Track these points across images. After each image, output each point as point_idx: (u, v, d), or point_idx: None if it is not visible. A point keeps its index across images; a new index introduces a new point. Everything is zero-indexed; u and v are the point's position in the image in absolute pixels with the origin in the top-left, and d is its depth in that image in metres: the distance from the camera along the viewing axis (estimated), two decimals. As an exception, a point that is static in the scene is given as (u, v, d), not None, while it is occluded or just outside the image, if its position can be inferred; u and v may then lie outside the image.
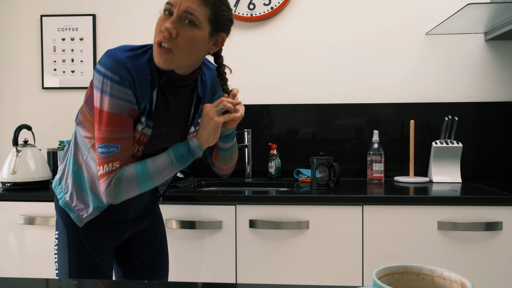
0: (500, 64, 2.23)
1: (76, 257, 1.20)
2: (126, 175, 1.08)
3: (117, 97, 1.04)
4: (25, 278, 0.91)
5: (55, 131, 2.41)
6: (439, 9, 2.23)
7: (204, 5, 1.05)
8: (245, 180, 2.23)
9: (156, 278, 1.39)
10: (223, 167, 1.34)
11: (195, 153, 1.12)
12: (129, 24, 2.39)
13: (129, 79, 1.04)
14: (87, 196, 1.19)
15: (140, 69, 1.07)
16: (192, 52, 1.07)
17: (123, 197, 1.11)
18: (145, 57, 1.10)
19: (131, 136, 1.09)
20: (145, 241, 1.36)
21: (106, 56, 1.05)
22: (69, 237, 1.21)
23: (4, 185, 1.90)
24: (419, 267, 0.60)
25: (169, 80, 1.13)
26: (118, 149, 1.07)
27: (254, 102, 2.32)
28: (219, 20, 1.10)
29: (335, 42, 2.30)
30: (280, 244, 1.71)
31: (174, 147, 1.13)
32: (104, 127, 1.06)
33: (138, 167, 1.09)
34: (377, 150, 2.12)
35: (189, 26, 1.05)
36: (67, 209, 1.21)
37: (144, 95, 1.08)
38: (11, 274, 1.82)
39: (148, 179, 1.10)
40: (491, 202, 1.65)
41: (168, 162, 1.11)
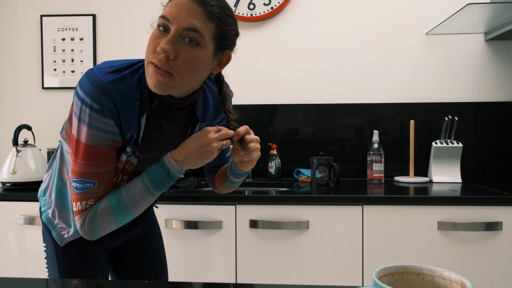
0: (500, 64, 2.24)
1: (67, 270, 1.09)
2: (100, 211, 0.94)
3: (97, 128, 0.88)
4: (25, 278, 0.91)
5: (55, 131, 2.41)
6: (439, 9, 2.24)
7: (208, 20, 0.88)
8: (245, 180, 2.23)
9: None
10: (224, 191, 1.25)
11: (176, 176, 0.96)
12: (129, 24, 2.39)
13: (111, 108, 0.88)
14: (69, 215, 1.07)
15: (126, 95, 0.90)
16: (194, 75, 0.90)
17: (100, 233, 0.97)
18: (133, 78, 0.92)
19: (112, 170, 0.95)
20: (139, 249, 1.27)
21: (86, 79, 0.89)
22: (57, 251, 1.10)
23: (4, 185, 1.90)
24: (419, 267, 0.60)
25: (163, 103, 0.96)
26: (94, 185, 0.93)
27: (254, 102, 2.32)
28: (224, 37, 0.93)
29: (335, 42, 2.30)
30: (280, 244, 1.71)
31: (149, 171, 0.95)
32: (80, 160, 0.91)
33: (112, 200, 0.94)
34: (377, 150, 2.12)
35: (190, 46, 0.88)
36: (49, 225, 1.10)
37: (130, 124, 0.92)
38: (11, 274, 1.82)
39: (125, 211, 0.95)
40: (491, 202, 1.65)
41: (144, 190, 0.94)
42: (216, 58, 0.95)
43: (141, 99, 0.93)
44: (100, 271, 1.15)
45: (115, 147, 0.94)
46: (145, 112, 0.94)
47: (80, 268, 1.10)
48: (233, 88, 1.26)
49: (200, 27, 0.87)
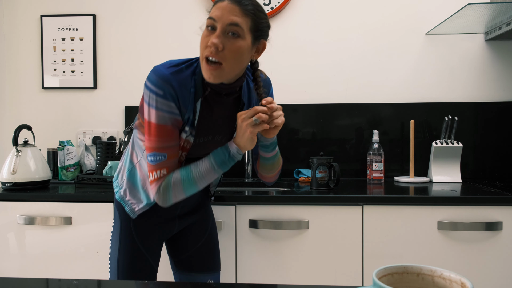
0: (500, 64, 2.24)
1: (125, 245, 1.32)
2: (173, 181, 1.17)
3: (162, 110, 1.13)
4: (25, 278, 0.91)
5: (55, 131, 2.41)
6: (439, 9, 2.24)
7: (245, 16, 1.10)
8: (245, 180, 2.23)
9: (207, 270, 1.47)
10: (266, 175, 1.40)
11: (235, 157, 1.18)
12: (129, 24, 2.39)
13: (172, 93, 1.12)
14: (139, 193, 1.31)
15: (183, 83, 1.14)
16: (239, 62, 1.13)
17: (171, 201, 1.19)
18: (188, 70, 1.16)
19: (177, 145, 1.18)
20: (194, 236, 1.45)
21: (153, 73, 1.14)
22: (121, 227, 1.33)
23: (4, 185, 1.90)
24: (419, 267, 0.60)
25: (215, 90, 1.18)
26: (165, 157, 1.16)
27: (254, 102, 2.31)
28: (259, 28, 1.15)
29: (335, 42, 2.30)
30: (280, 244, 1.71)
31: (215, 152, 1.18)
32: (153, 137, 1.15)
33: (184, 173, 1.17)
34: (377, 150, 2.12)
35: (233, 38, 1.10)
36: (122, 202, 1.33)
37: (187, 107, 1.16)
38: (11, 274, 1.82)
39: (193, 184, 1.17)
40: (491, 202, 1.65)
41: (210, 167, 1.17)
42: (254, 47, 1.17)
43: (196, 87, 1.16)
44: (151, 253, 1.34)
45: (177, 126, 1.17)
46: (200, 98, 1.17)
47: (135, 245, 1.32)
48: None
49: (240, 22, 1.10)
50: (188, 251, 1.46)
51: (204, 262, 1.46)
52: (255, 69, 1.24)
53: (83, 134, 2.39)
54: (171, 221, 1.39)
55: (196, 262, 1.46)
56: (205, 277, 1.47)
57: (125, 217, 1.34)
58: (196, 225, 1.46)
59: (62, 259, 1.79)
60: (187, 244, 1.45)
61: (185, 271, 1.47)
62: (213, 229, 1.51)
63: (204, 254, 1.47)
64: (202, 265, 1.46)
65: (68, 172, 2.16)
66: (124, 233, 1.33)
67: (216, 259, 1.51)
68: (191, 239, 1.45)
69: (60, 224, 1.78)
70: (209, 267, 1.47)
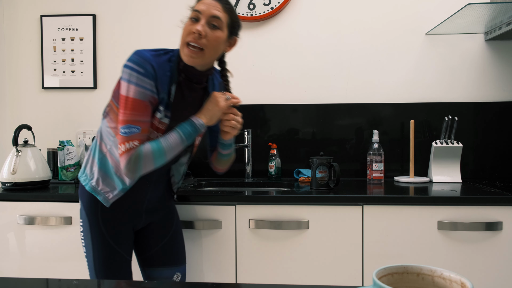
0: (500, 64, 2.24)
1: (97, 243, 1.38)
2: (144, 152, 1.26)
3: (141, 86, 1.24)
4: (25, 278, 0.91)
5: (55, 131, 2.41)
6: (439, 9, 2.24)
7: (225, 12, 1.30)
8: (245, 180, 2.23)
9: (174, 264, 1.55)
10: (219, 167, 1.61)
11: (199, 130, 1.34)
12: (129, 24, 2.39)
13: (151, 72, 1.25)
14: (112, 180, 1.36)
15: (161, 66, 1.28)
16: (216, 50, 1.31)
17: (141, 171, 1.28)
18: (166, 57, 1.31)
19: (149, 122, 1.28)
20: (159, 232, 1.53)
21: (134, 54, 1.26)
22: (91, 226, 1.39)
23: (4, 185, 1.90)
24: (419, 267, 0.60)
25: (187, 76, 1.34)
26: (138, 130, 1.25)
27: (254, 102, 2.32)
28: (234, 25, 1.35)
29: (335, 42, 2.30)
30: (280, 244, 1.71)
31: (182, 126, 1.32)
32: (128, 111, 1.24)
33: (154, 145, 1.27)
34: (377, 150, 2.12)
35: (214, 29, 1.29)
36: (94, 193, 1.37)
37: (163, 87, 1.28)
38: (11, 274, 1.82)
39: (163, 154, 1.28)
40: (491, 202, 1.65)
41: (178, 139, 1.30)
42: (228, 41, 1.36)
43: (171, 72, 1.30)
44: (121, 246, 1.41)
45: (153, 104, 1.27)
46: (174, 82, 1.31)
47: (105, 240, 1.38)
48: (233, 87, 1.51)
49: (221, 16, 1.29)
50: (153, 248, 1.53)
51: (169, 257, 1.54)
52: (223, 67, 1.44)
53: (83, 134, 2.39)
54: (138, 216, 1.47)
55: (162, 258, 1.53)
56: (173, 270, 1.55)
57: (92, 216, 1.39)
58: (161, 223, 1.54)
59: (62, 259, 1.79)
60: (153, 242, 1.53)
61: (152, 267, 1.54)
62: (177, 226, 1.60)
63: (169, 250, 1.54)
64: (168, 260, 1.54)
65: (68, 172, 2.16)
66: (94, 232, 1.39)
67: (181, 253, 1.59)
68: (156, 237, 1.53)
69: (60, 224, 1.78)
70: (175, 261, 1.55)
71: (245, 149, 2.26)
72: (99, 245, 1.39)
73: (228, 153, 1.53)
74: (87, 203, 1.40)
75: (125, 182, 1.35)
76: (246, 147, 2.24)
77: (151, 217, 1.51)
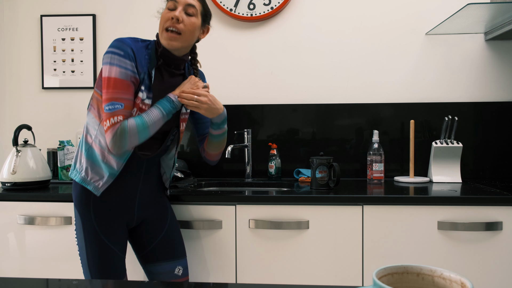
0: (500, 64, 2.24)
1: (90, 241, 1.42)
2: (129, 126, 1.32)
3: (122, 67, 1.33)
4: (25, 278, 0.91)
5: (55, 131, 2.41)
6: (439, 9, 2.24)
7: (198, 2, 1.44)
8: (245, 180, 2.23)
9: (173, 258, 1.58)
10: (211, 153, 1.63)
11: (177, 106, 1.43)
12: (129, 24, 2.39)
13: (131, 54, 1.35)
14: (100, 168, 1.40)
15: (139, 50, 1.38)
16: (192, 35, 1.43)
17: (126, 145, 1.33)
18: (143, 44, 1.42)
19: (132, 100, 1.36)
20: (154, 228, 1.56)
21: (115, 41, 1.36)
22: (83, 224, 1.43)
23: (4, 185, 1.90)
24: (419, 267, 0.60)
25: (165, 61, 1.44)
26: (121, 106, 1.32)
27: (254, 102, 2.32)
28: (206, 14, 1.49)
29: (335, 42, 2.30)
30: (280, 244, 1.71)
31: (161, 103, 1.40)
32: (111, 89, 1.32)
33: (137, 119, 1.34)
34: (377, 150, 2.12)
35: (190, 16, 1.41)
36: (84, 184, 1.41)
37: (142, 68, 1.38)
38: (11, 274, 1.82)
39: (146, 128, 1.35)
40: (491, 202, 1.64)
41: (159, 114, 1.38)
42: (202, 29, 1.49)
43: (149, 57, 1.40)
44: (114, 243, 1.44)
45: (134, 83, 1.36)
46: (154, 67, 1.41)
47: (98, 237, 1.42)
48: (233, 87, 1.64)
49: (195, 4, 1.43)
50: (151, 244, 1.56)
51: (168, 251, 1.57)
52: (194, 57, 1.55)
53: (83, 134, 2.39)
54: (130, 211, 1.49)
55: (161, 253, 1.56)
56: (173, 264, 1.57)
57: (84, 211, 1.43)
58: (155, 219, 1.56)
59: (62, 259, 1.79)
60: (150, 238, 1.55)
61: (152, 262, 1.56)
62: (172, 221, 1.62)
63: (166, 244, 1.57)
64: (167, 254, 1.56)
65: (68, 172, 2.16)
66: (86, 228, 1.42)
67: (180, 246, 1.61)
68: (152, 233, 1.56)
69: (60, 224, 1.78)
70: (174, 254, 1.58)
71: (245, 149, 2.26)
72: (92, 242, 1.42)
73: (219, 134, 1.56)
74: (79, 197, 1.43)
75: (113, 167, 1.39)
76: (246, 147, 2.24)
77: (143, 213, 1.54)
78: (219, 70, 2.33)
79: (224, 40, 2.34)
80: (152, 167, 1.53)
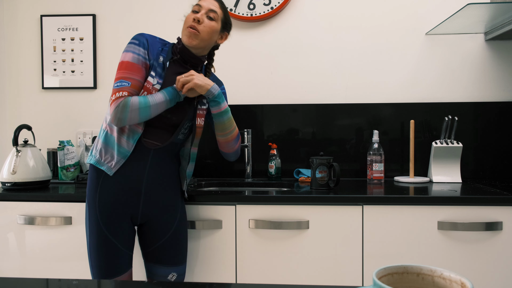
0: (500, 64, 2.24)
1: (92, 228, 1.49)
2: (132, 102, 1.40)
3: (134, 52, 1.47)
4: (25, 278, 0.91)
5: (55, 131, 2.41)
6: (439, 9, 2.24)
7: (221, 9, 1.57)
8: (245, 180, 2.23)
9: (168, 265, 1.58)
10: (220, 140, 1.65)
11: (180, 98, 1.50)
12: (129, 24, 2.39)
13: (144, 42, 1.49)
14: (113, 149, 1.48)
15: (154, 42, 1.53)
16: (210, 37, 1.54)
17: (126, 120, 1.40)
18: (161, 41, 1.56)
19: (141, 82, 1.46)
20: (158, 230, 1.56)
21: (136, 34, 1.52)
22: (89, 213, 1.50)
23: (4, 185, 1.90)
24: (419, 267, 0.60)
25: (183, 57, 1.55)
26: (128, 84, 1.42)
27: (254, 102, 2.32)
28: (227, 22, 1.61)
29: (335, 42, 2.30)
30: (280, 244, 1.71)
31: (166, 89, 1.48)
32: (122, 70, 1.45)
33: (141, 99, 1.42)
34: (377, 150, 2.12)
35: (210, 20, 1.53)
36: (98, 165, 1.49)
37: (153, 55, 1.50)
38: (11, 274, 1.82)
39: (148, 108, 1.41)
40: (491, 202, 1.65)
41: (163, 97, 1.45)
42: (220, 34, 1.60)
43: (166, 52, 1.54)
44: (116, 236, 1.48)
45: (145, 68, 1.48)
46: (169, 59, 1.54)
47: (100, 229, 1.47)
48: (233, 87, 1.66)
49: (217, 11, 1.56)
50: (153, 245, 1.57)
51: (166, 257, 1.58)
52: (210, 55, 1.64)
53: (83, 134, 2.39)
54: (135, 203, 1.50)
55: (158, 256, 1.58)
56: (168, 270, 1.58)
57: (92, 203, 1.49)
58: (162, 221, 1.57)
59: (62, 259, 1.79)
60: (153, 239, 1.57)
61: (151, 262, 1.59)
62: (180, 225, 1.61)
63: (167, 250, 1.58)
64: (164, 259, 1.58)
65: (68, 172, 2.16)
66: (92, 219, 1.49)
67: (179, 254, 1.61)
68: (156, 235, 1.57)
69: (60, 224, 1.78)
70: (172, 261, 1.59)
71: (245, 149, 2.26)
72: (93, 232, 1.48)
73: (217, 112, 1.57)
74: (90, 181, 1.52)
75: (124, 147, 1.46)
76: (246, 147, 2.24)
77: (149, 211, 1.54)
78: (219, 70, 2.33)
79: (224, 40, 2.34)
80: (161, 160, 1.54)
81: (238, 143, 1.69)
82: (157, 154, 1.52)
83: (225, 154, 1.71)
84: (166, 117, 1.51)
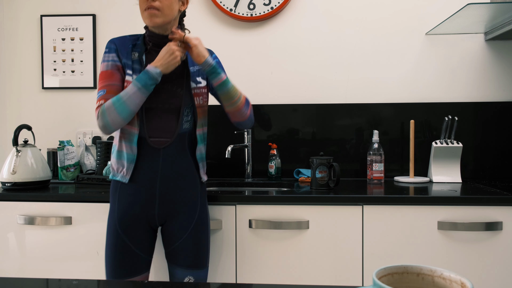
0: (500, 64, 2.24)
1: (109, 230, 1.51)
2: (106, 104, 1.42)
3: (107, 61, 1.50)
4: (25, 278, 0.91)
5: (55, 131, 2.41)
6: (439, 9, 2.24)
7: None
8: (245, 180, 2.23)
9: (187, 268, 1.51)
10: (229, 111, 1.58)
11: (154, 77, 1.42)
12: (129, 24, 2.39)
13: (113, 47, 1.51)
14: (122, 159, 1.50)
15: (122, 42, 1.52)
16: (170, 9, 1.45)
17: (110, 123, 1.42)
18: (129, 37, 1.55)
19: (117, 84, 1.48)
20: (177, 230, 1.52)
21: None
22: (110, 214, 1.52)
23: (4, 185, 1.90)
24: (419, 267, 0.60)
25: (155, 43, 1.51)
26: (104, 92, 1.46)
27: (254, 102, 2.31)
28: None
29: (335, 42, 2.30)
30: (280, 244, 1.71)
31: (137, 76, 1.43)
32: (100, 82, 1.49)
33: (113, 98, 1.43)
34: (377, 150, 2.12)
35: None
36: (114, 178, 1.52)
37: (123, 54, 1.50)
38: (11, 274, 1.82)
39: (122, 102, 1.40)
40: (491, 202, 1.65)
41: (134, 87, 1.41)
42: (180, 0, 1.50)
43: (138, 46, 1.52)
44: (132, 240, 1.48)
45: (118, 70, 1.49)
46: (143, 52, 1.51)
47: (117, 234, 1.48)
48: None
49: None
50: (172, 245, 1.53)
51: (185, 258, 1.51)
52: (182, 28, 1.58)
53: (83, 134, 2.39)
54: (150, 206, 1.49)
55: (178, 257, 1.53)
56: (186, 272, 1.51)
57: (112, 206, 1.52)
58: (180, 220, 1.52)
59: (62, 259, 1.79)
60: (173, 239, 1.52)
61: (171, 263, 1.55)
62: (199, 226, 1.54)
63: (186, 250, 1.51)
64: (183, 260, 1.52)
65: (68, 172, 2.16)
66: (110, 221, 1.51)
67: (199, 256, 1.54)
68: (175, 235, 1.52)
69: (60, 224, 1.78)
70: (189, 263, 1.51)
71: (245, 149, 2.26)
72: (110, 234, 1.50)
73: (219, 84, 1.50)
74: (111, 192, 1.54)
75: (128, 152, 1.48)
76: (246, 147, 2.24)
77: (166, 210, 1.50)
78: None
79: (224, 40, 2.34)
80: (173, 158, 1.50)
81: (250, 108, 1.61)
82: (167, 153, 1.48)
83: (239, 124, 1.63)
84: (163, 108, 1.48)
